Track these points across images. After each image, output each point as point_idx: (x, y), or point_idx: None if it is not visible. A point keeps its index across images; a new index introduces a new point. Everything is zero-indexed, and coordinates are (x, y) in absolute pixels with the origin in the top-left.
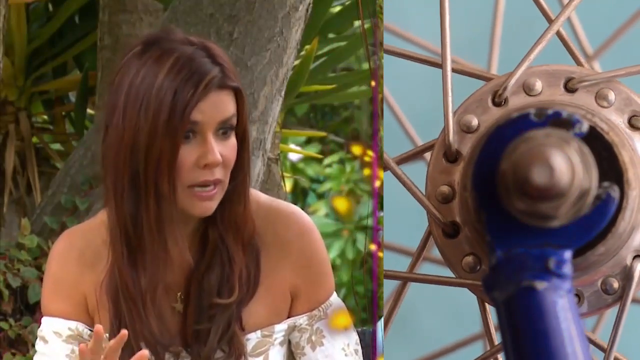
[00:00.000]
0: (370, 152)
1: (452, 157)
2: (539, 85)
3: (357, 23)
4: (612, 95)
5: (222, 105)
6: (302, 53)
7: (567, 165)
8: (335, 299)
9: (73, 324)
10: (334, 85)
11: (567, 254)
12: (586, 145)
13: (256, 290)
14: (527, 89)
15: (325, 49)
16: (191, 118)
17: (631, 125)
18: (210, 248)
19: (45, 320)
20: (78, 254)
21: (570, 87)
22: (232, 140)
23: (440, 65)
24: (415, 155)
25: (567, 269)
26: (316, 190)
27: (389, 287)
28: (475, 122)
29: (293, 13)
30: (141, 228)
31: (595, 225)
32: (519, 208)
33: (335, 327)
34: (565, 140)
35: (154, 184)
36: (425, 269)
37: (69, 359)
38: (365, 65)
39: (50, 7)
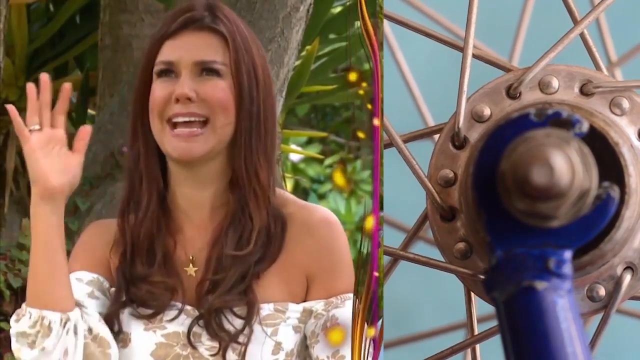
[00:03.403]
0: (364, 84)
1: (459, 142)
2: (555, 83)
3: (358, 23)
4: (626, 104)
5: (199, 46)
6: (303, 53)
7: (567, 165)
8: (350, 297)
9: (95, 275)
10: (335, 86)
11: (567, 254)
12: (586, 145)
13: (277, 256)
14: (543, 86)
15: (326, 50)
16: (161, 57)
17: None
18: (231, 210)
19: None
20: (107, 239)
21: (585, 91)
22: (219, 83)
23: (461, 49)
24: (424, 135)
25: (567, 269)
26: (317, 190)
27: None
28: (487, 111)
29: (294, 13)
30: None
31: (595, 226)
32: (519, 208)
33: (331, 342)
34: (565, 140)
35: (142, 124)
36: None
37: (88, 296)
38: (366, 66)
39: (51, 7)
